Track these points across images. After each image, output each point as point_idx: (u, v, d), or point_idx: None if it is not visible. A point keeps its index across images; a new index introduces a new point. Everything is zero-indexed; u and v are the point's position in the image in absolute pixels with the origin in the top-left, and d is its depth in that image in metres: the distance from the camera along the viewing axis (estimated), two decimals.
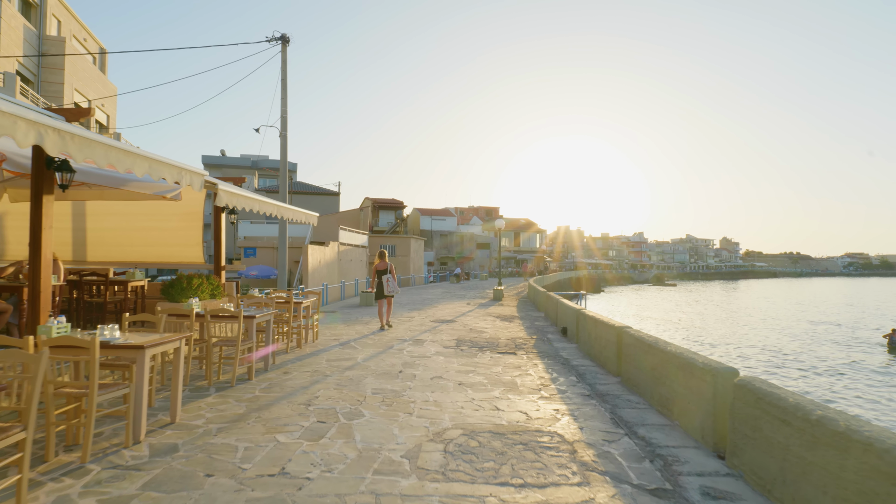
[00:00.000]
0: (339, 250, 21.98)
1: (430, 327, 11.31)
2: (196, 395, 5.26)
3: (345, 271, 22.69)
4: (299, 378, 6.14)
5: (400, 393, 5.50)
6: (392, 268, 10.84)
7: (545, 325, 12.00)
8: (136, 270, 8.28)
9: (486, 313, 14.69)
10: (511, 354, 7.97)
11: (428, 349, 8.36)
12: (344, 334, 10.04)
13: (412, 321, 12.49)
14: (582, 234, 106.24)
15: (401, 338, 9.62)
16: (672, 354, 4.63)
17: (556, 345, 8.95)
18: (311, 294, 10.09)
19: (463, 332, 10.45)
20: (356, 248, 24.57)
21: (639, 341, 5.51)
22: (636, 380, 5.58)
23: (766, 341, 22.12)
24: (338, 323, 11.96)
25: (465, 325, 11.69)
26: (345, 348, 8.38)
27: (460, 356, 7.76)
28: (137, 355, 3.85)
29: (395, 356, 7.70)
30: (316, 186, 45.79)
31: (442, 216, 62.41)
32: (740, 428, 3.36)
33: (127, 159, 3.90)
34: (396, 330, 10.78)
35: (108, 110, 28.06)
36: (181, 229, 9.32)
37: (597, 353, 7.33)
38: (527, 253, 69.42)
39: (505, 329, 11.09)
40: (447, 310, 15.72)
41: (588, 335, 7.96)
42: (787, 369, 16.79)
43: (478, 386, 5.85)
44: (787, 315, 33.80)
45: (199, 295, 8.06)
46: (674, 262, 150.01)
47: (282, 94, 16.20)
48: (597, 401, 5.26)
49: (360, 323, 12.09)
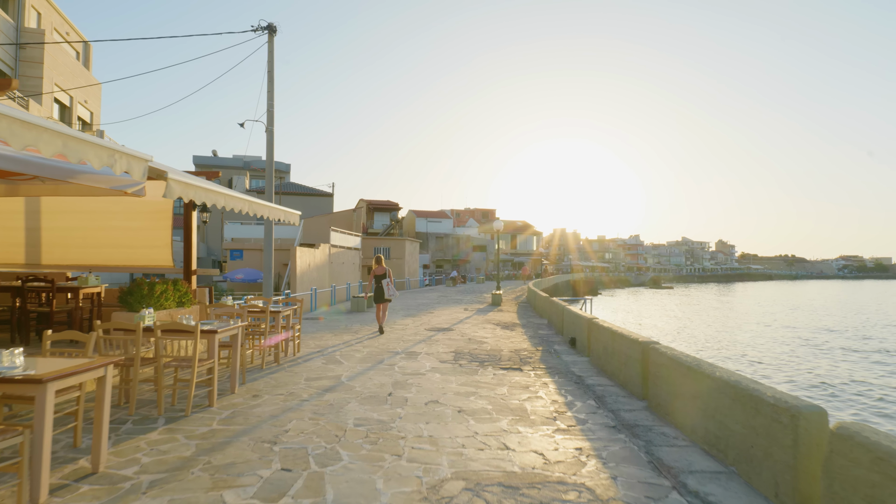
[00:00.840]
0: (331, 252, 21.04)
1: (426, 336, 10.38)
2: (140, 428, 4.32)
3: (336, 274, 21.74)
4: (269, 404, 5.20)
5: (388, 424, 4.58)
6: (390, 272, 10.96)
7: (549, 333, 11.10)
8: (91, 275, 7.33)
9: (485, 320, 13.78)
10: (516, 370, 7.06)
11: (423, 364, 7.44)
12: (330, 344, 9.10)
13: (406, 329, 11.56)
14: (578, 236, 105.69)
15: (392, 350, 8.69)
16: (724, 382, 3.73)
17: (566, 358, 8.05)
18: (294, 301, 9.17)
19: (461, 343, 9.53)
20: (349, 251, 23.63)
21: (674, 362, 4.62)
22: (669, 407, 4.69)
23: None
24: (324, 331, 11.01)
25: (464, 335, 10.78)
26: (328, 363, 7.44)
27: (459, 373, 6.85)
28: (37, 392, 2.92)
29: (385, 373, 6.77)
30: (308, 187, 44.83)
31: (438, 218, 61.53)
32: (848, 496, 2.47)
33: (28, 133, 2.98)
34: (388, 339, 9.85)
35: (92, 107, 27.01)
36: (148, 229, 8.37)
37: (615, 371, 6.44)
38: (523, 255, 68.63)
39: (507, 339, 10.18)
40: (443, 316, 14.80)
41: (603, 349, 7.06)
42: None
43: (481, 414, 4.94)
44: (803, 322, 32.94)
45: (164, 303, 7.13)
46: (670, 265, 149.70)
47: (268, 86, 15.28)
48: (626, 435, 4.36)
49: (348, 331, 11.15)
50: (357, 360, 7.74)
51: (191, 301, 7.66)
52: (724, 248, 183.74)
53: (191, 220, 8.25)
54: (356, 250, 25.08)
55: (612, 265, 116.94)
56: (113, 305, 7.53)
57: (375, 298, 10.76)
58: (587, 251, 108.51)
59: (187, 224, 8.27)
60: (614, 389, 6.00)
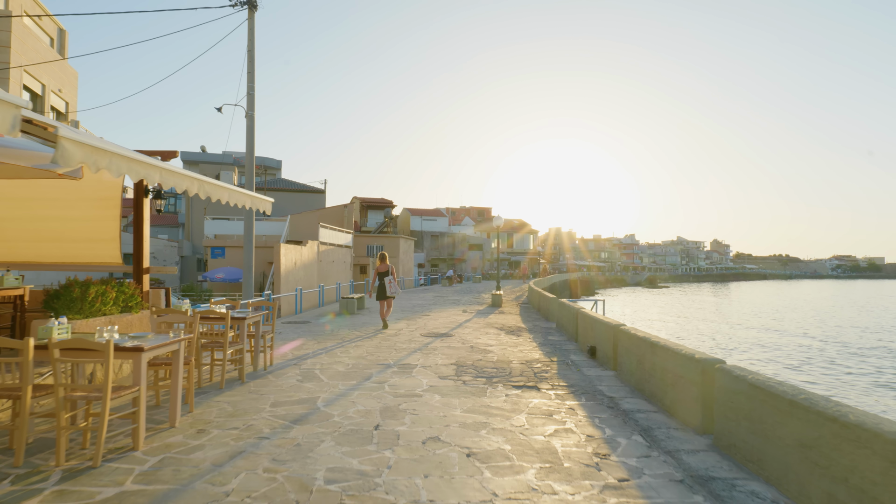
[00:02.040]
0: (319, 250, 19.71)
1: (422, 344, 9.12)
2: (18, 492, 3.04)
3: (325, 274, 20.42)
4: (216, 444, 3.92)
5: (371, 479, 3.32)
6: (393, 270, 11.20)
7: (561, 340, 9.87)
8: (8, 273, 6.00)
9: (486, 323, 12.53)
10: (532, 389, 5.81)
11: (419, 381, 6.18)
12: (309, 353, 7.82)
13: (399, 335, 10.29)
14: (574, 235, 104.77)
15: (383, 361, 7.42)
16: (862, 429, 2.50)
17: (587, 372, 6.82)
18: (268, 305, 7.89)
19: (463, 352, 8.28)
20: (339, 249, 22.30)
21: (763, 392, 3.38)
22: (753, 450, 3.46)
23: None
24: (305, 337, 9.73)
25: (465, 341, 9.52)
26: (305, 379, 6.16)
27: (463, 393, 5.60)
28: None
29: (373, 394, 5.51)
30: (300, 183, 43.39)
31: (433, 216, 60.24)
32: None
33: None
34: (379, 348, 8.59)
35: (68, 96, 25.52)
36: (91, 220, 7.06)
37: (656, 392, 5.21)
38: (520, 254, 67.50)
39: (514, 346, 8.94)
40: (441, 319, 13.54)
41: (636, 363, 5.84)
42: None
43: (497, 459, 3.69)
44: (831, 321, 31.83)
45: (101, 309, 5.83)
46: (665, 265, 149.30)
47: (248, 67, 13.95)
48: (705, 497, 3.12)
49: (333, 337, 9.87)
50: (339, 374, 6.46)
51: (140, 305, 6.37)
52: (720, 247, 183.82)
53: (142, 207, 6.96)
54: (347, 248, 23.76)
55: (608, 264, 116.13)
56: (40, 312, 6.20)
57: (378, 295, 11.07)
58: (582, 250, 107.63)
59: (137, 213, 6.97)
60: (661, 418, 4.76)
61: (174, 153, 7.13)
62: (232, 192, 6.05)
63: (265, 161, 53.42)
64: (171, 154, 7.07)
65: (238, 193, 6.28)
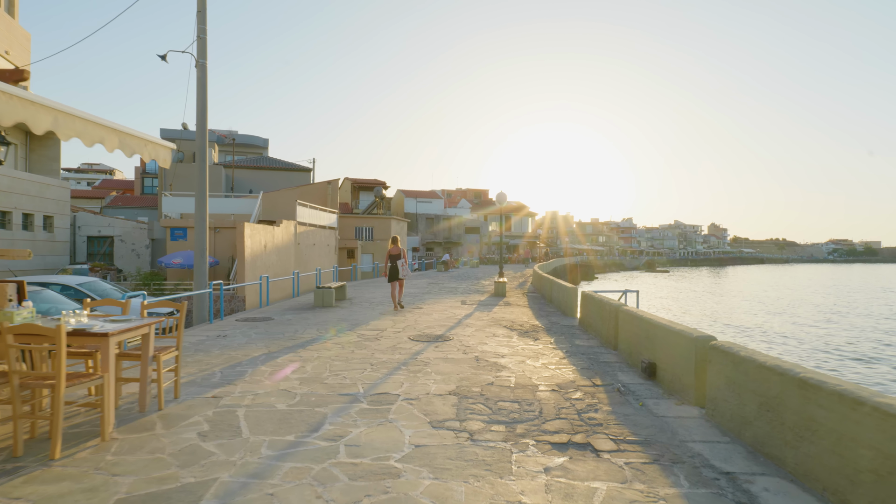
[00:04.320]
0: (297, 232, 17.24)
1: (409, 354, 6.77)
2: None
3: (305, 259, 17.99)
4: None
5: None
6: (405, 252, 11.76)
7: (592, 346, 7.55)
8: None
9: (491, 320, 10.20)
10: (584, 451, 3.48)
11: (397, 436, 3.82)
12: (246, 372, 5.45)
13: (381, 339, 7.94)
14: (571, 219, 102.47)
15: (348, 390, 5.05)
16: None
17: (656, 408, 4.49)
18: (172, 306, 5.53)
19: (466, 370, 5.93)
20: (321, 230, 19.82)
21: None
22: None
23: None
24: (258, 342, 7.35)
25: (467, 349, 7.18)
26: (210, 435, 3.77)
27: (472, 464, 3.26)
28: None
29: (313, 476, 3.14)
30: (286, 162, 40.61)
31: (428, 198, 57.64)
32: None
33: None
34: (349, 364, 6.22)
35: (18, 59, 22.68)
36: None
37: (815, 461, 2.87)
38: (517, 238, 65.13)
39: (534, 358, 6.61)
40: (435, 313, 11.19)
41: (763, 407, 3.50)
42: None
43: None
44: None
45: None
46: (663, 248, 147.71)
47: (199, 5, 11.31)
48: None
49: (293, 339, 7.51)
50: (273, 420, 4.09)
51: None
52: (717, 231, 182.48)
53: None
54: (331, 230, 21.28)
55: (606, 248, 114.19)
56: None
57: (390, 277, 11.57)
58: (579, 234, 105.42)
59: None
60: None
61: (22, 73, 4.64)
62: (108, 131, 3.64)
63: (251, 139, 50.47)
64: (17, 74, 4.59)
65: (113, 132, 3.86)
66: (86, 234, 25.85)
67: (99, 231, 25.98)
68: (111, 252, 26.15)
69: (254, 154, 47.79)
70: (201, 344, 7.38)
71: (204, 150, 11.05)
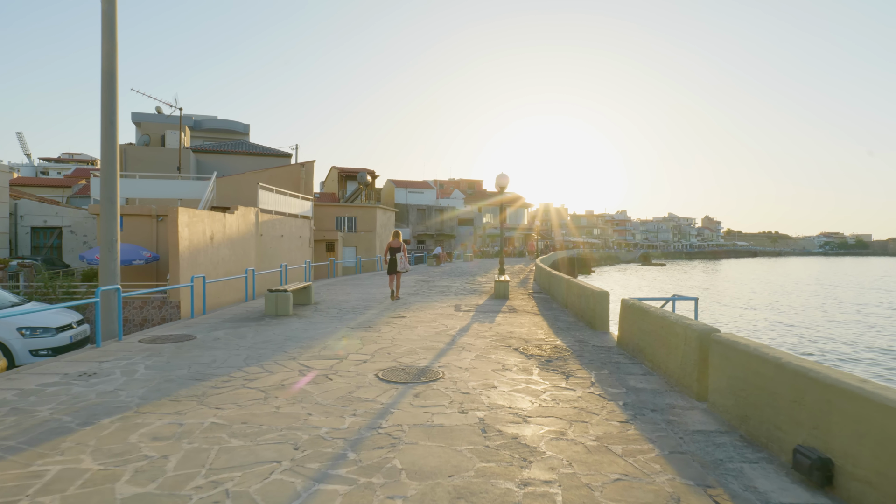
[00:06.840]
0: (259, 221, 14.43)
1: (368, 419, 4.08)
2: None
3: (271, 253, 15.20)
4: None
5: None
6: (404, 247, 11.99)
7: (659, 390, 4.90)
8: None
9: (497, 338, 7.52)
10: None
11: None
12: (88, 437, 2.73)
13: (332, 380, 5.23)
14: (565, 211, 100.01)
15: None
16: None
17: None
18: None
19: (465, 464, 3.24)
20: (291, 219, 17.01)
21: None
22: None
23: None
24: (122, 390, 4.60)
25: (465, 402, 4.50)
26: None
27: None
28: None
29: None
30: (266, 147, 37.51)
31: (419, 189, 54.73)
32: None
33: None
34: (250, 447, 3.52)
35: None
36: None
37: None
38: (512, 230, 62.49)
39: (582, 427, 3.94)
40: (421, 327, 8.49)
41: None
42: None
43: None
44: None
45: None
46: (658, 241, 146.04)
47: None
48: None
49: (197, 375, 4.75)
50: None
51: None
52: (711, 224, 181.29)
53: None
54: (305, 219, 18.46)
55: (602, 241, 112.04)
56: None
57: (389, 269, 11.83)
58: (571, 227, 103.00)
59: None
60: None
61: None
62: None
63: (231, 124, 47.15)
64: None
65: None
66: (29, 224, 22.78)
67: (45, 221, 22.92)
68: (59, 245, 23.13)
69: (232, 140, 44.63)
70: (36, 394, 4.63)
71: (111, 113, 8.20)
